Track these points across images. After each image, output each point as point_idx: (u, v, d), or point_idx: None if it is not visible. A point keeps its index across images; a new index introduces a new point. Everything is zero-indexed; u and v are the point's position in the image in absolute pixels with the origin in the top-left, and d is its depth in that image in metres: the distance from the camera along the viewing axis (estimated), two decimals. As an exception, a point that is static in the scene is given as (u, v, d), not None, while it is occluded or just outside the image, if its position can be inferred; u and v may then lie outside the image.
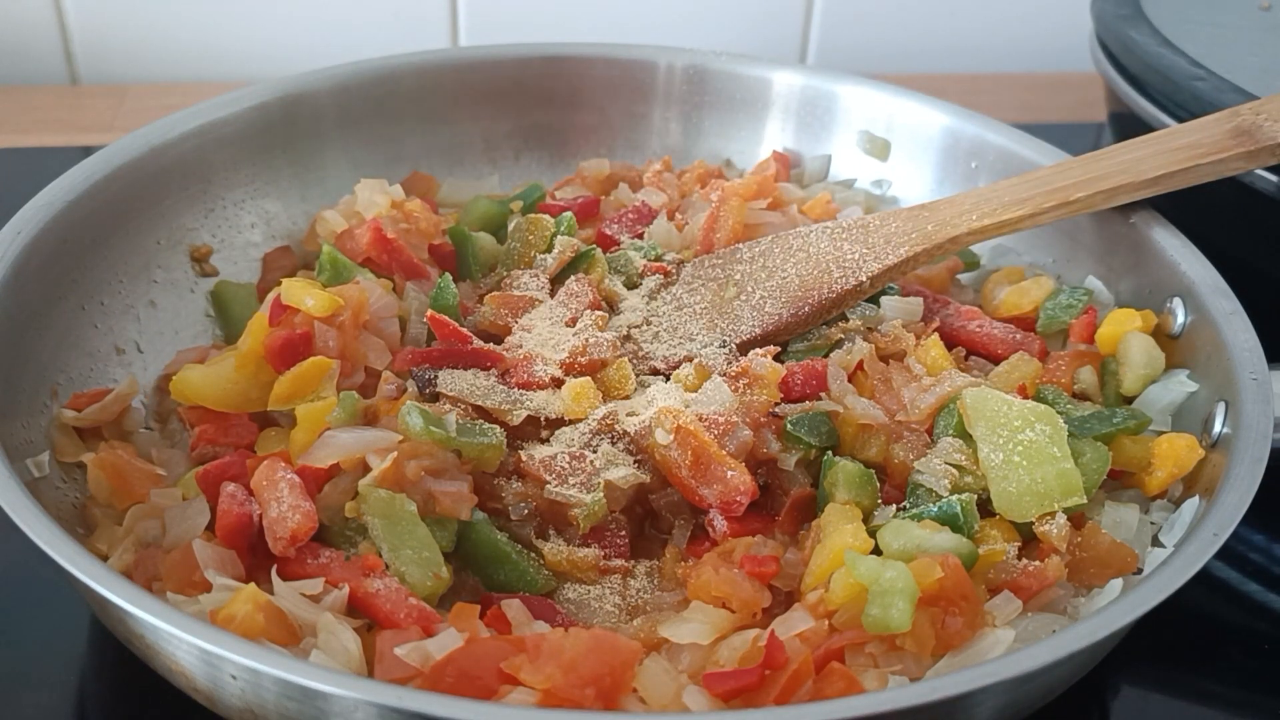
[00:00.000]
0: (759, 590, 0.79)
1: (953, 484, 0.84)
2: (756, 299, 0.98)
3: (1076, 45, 1.31)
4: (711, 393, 0.87)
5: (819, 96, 1.20)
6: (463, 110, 1.19)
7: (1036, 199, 0.97)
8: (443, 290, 0.96)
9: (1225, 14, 1.23)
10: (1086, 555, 0.82)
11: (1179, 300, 0.96)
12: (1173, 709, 0.88)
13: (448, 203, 1.15)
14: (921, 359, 0.93)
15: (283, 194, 1.12)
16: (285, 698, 0.66)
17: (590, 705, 0.69)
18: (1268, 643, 0.92)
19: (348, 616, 0.76)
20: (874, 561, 0.75)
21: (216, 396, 0.88)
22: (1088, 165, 0.99)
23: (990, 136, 1.13)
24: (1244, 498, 0.78)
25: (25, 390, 0.88)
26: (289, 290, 0.89)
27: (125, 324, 0.99)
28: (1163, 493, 0.89)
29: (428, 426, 0.81)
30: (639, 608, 0.83)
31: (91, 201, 0.96)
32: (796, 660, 0.72)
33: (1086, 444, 0.86)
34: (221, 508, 0.80)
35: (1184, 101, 1.07)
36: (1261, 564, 0.98)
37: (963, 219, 0.98)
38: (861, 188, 1.20)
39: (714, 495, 0.84)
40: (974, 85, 1.63)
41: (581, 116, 1.23)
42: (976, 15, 1.68)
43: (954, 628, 0.75)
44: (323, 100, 1.13)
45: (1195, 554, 0.73)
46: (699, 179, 1.15)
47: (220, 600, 0.74)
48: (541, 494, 0.84)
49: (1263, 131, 0.94)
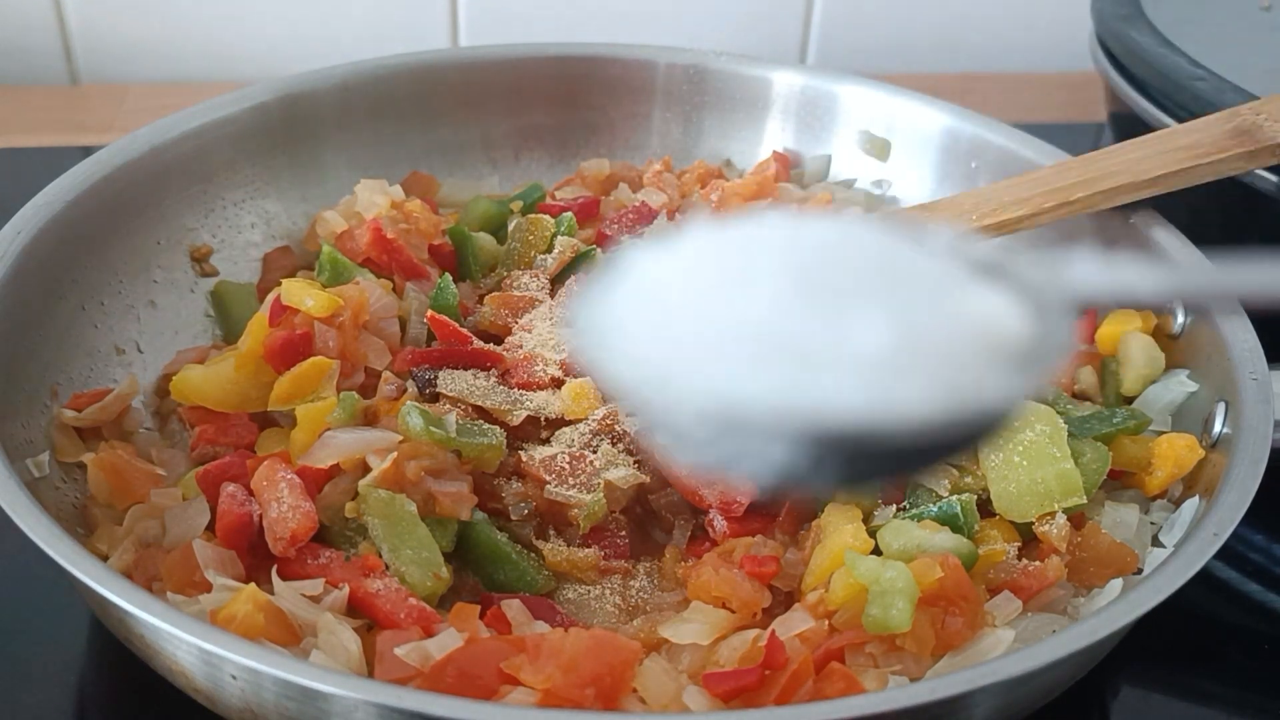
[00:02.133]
0: (759, 590, 0.79)
1: (952, 484, 0.84)
2: (757, 299, 0.98)
3: (1076, 45, 1.30)
4: (711, 393, 0.87)
5: (819, 96, 1.20)
6: (463, 110, 1.19)
7: (1036, 199, 0.97)
8: (443, 290, 0.96)
9: (1225, 14, 1.23)
10: (1086, 555, 0.82)
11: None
12: (1173, 709, 0.88)
13: (448, 203, 1.15)
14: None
15: (283, 194, 1.12)
16: (285, 698, 0.66)
17: (590, 705, 0.69)
18: (1268, 643, 0.92)
19: (348, 617, 0.76)
20: (874, 561, 0.76)
21: (216, 396, 0.88)
22: (1088, 165, 0.99)
23: (990, 136, 1.13)
24: (1244, 498, 0.78)
25: (25, 390, 0.87)
26: (289, 290, 0.89)
27: (125, 324, 0.99)
28: (1163, 493, 0.89)
29: (428, 427, 0.81)
30: (639, 608, 0.83)
31: (91, 201, 0.96)
32: (796, 660, 0.72)
33: (1086, 444, 0.86)
34: (221, 508, 0.80)
35: (1184, 101, 1.07)
36: (1261, 564, 0.98)
37: (962, 219, 0.98)
38: (861, 188, 1.19)
39: (714, 495, 0.84)
40: (974, 85, 1.63)
41: (581, 116, 1.23)
42: (976, 15, 1.68)
43: (954, 628, 0.75)
44: (323, 100, 1.13)
45: (1195, 554, 0.73)
46: (699, 179, 1.15)
47: (220, 600, 0.75)
48: (541, 494, 0.84)
49: (1263, 131, 0.94)
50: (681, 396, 0.43)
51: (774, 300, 0.44)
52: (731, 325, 0.44)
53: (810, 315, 0.43)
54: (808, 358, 0.42)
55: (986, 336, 0.45)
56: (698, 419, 0.43)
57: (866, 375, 0.42)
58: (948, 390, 0.43)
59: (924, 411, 0.42)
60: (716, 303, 0.44)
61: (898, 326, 0.43)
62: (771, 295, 0.44)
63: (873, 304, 0.44)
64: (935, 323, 0.44)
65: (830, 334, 0.43)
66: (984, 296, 0.46)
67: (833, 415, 0.42)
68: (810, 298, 0.44)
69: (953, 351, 0.44)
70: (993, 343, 0.45)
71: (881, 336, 0.43)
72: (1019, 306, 0.46)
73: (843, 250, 0.46)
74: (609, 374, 0.44)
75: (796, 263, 0.45)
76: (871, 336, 0.43)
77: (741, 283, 0.45)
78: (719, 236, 0.47)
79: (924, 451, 0.45)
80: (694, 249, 0.47)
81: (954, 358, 0.44)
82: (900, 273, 0.46)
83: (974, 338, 0.44)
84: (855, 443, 0.42)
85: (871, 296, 0.44)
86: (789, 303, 0.44)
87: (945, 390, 0.43)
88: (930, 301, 0.45)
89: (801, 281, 0.44)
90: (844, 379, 0.42)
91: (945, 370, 0.43)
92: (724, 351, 0.43)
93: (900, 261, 0.46)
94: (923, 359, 0.43)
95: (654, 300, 0.46)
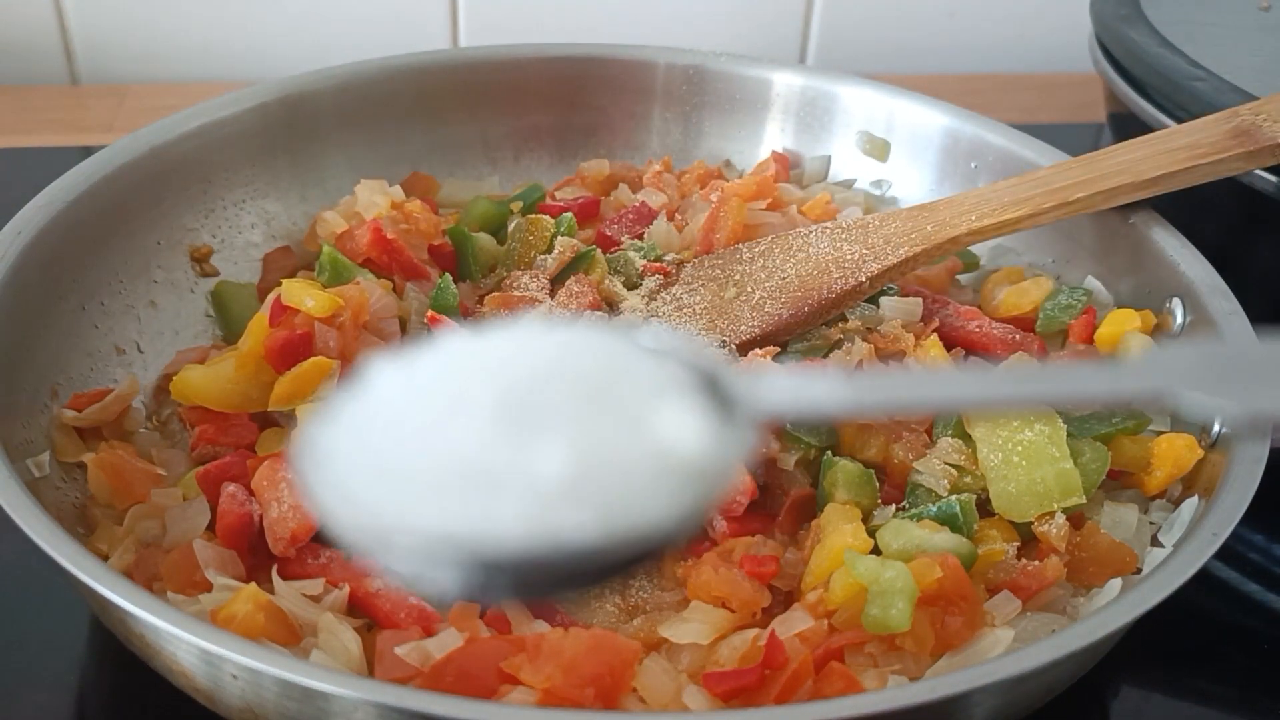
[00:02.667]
0: (759, 590, 0.79)
1: (952, 484, 0.84)
2: (756, 299, 0.99)
3: (1076, 45, 1.30)
4: (711, 393, 0.87)
5: (819, 97, 1.20)
6: (463, 110, 1.19)
7: (1036, 199, 0.97)
8: (443, 291, 0.96)
9: (1225, 14, 1.23)
10: (1086, 555, 0.82)
11: (1178, 300, 0.96)
12: (1173, 709, 0.88)
13: (448, 203, 1.15)
14: (921, 359, 0.93)
15: (283, 194, 1.12)
16: (285, 697, 0.66)
17: (590, 705, 0.69)
18: (1268, 643, 0.93)
19: (348, 616, 0.77)
20: (873, 561, 0.76)
21: (216, 397, 0.88)
22: (1087, 165, 0.99)
23: (990, 137, 1.13)
24: (1243, 498, 0.78)
25: (25, 390, 0.88)
26: (289, 291, 0.89)
27: (125, 324, 0.99)
28: (1162, 493, 0.89)
29: (428, 426, 0.81)
30: (639, 607, 0.83)
31: (91, 202, 0.96)
32: (796, 660, 0.72)
33: (1086, 444, 0.86)
34: (222, 508, 0.80)
35: (1184, 102, 1.07)
36: (1261, 564, 0.98)
37: (962, 219, 0.98)
38: (861, 188, 1.20)
39: (714, 495, 0.84)
40: (973, 85, 1.63)
41: (581, 116, 1.23)
42: (976, 15, 1.68)
43: (953, 627, 0.75)
44: (323, 100, 1.13)
45: (1194, 554, 0.73)
46: (699, 179, 1.15)
47: (220, 600, 0.75)
48: (541, 494, 0.84)
49: (1262, 132, 0.94)
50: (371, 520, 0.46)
51: (473, 429, 0.47)
52: (431, 454, 0.47)
53: (501, 444, 0.46)
54: (491, 487, 0.46)
55: (665, 457, 0.47)
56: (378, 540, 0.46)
57: (537, 503, 0.45)
58: (610, 516, 0.45)
59: (580, 538, 0.45)
60: (425, 430, 0.48)
61: (578, 454, 0.46)
62: (473, 424, 0.47)
63: (561, 431, 0.47)
64: (616, 447, 0.47)
65: (515, 462, 0.46)
66: (674, 414, 0.48)
67: (494, 543, 0.45)
68: (507, 425, 0.47)
69: (626, 476, 0.46)
70: (669, 464, 0.47)
71: (558, 466, 0.46)
72: (707, 420, 0.49)
73: (558, 370, 0.49)
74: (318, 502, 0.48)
75: (506, 387, 0.48)
76: (550, 466, 0.46)
77: (450, 410, 0.48)
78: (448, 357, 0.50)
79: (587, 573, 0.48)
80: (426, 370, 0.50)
81: (626, 482, 0.46)
82: (602, 394, 0.48)
83: (653, 458, 0.47)
84: (516, 567, 0.45)
85: (564, 422, 0.47)
86: (486, 432, 0.47)
87: (606, 516, 0.45)
88: (617, 424, 0.47)
89: (503, 408, 0.47)
90: (516, 507, 0.45)
91: (613, 496, 0.46)
92: (415, 479, 0.46)
93: (607, 381, 0.49)
94: (594, 485, 0.46)
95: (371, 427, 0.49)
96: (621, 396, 0.48)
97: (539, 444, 0.46)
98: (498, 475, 0.46)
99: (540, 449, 0.46)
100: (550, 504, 0.45)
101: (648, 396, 0.49)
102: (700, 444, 0.48)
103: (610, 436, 0.47)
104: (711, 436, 0.49)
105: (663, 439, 0.48)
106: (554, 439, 0.46)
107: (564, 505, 0.45)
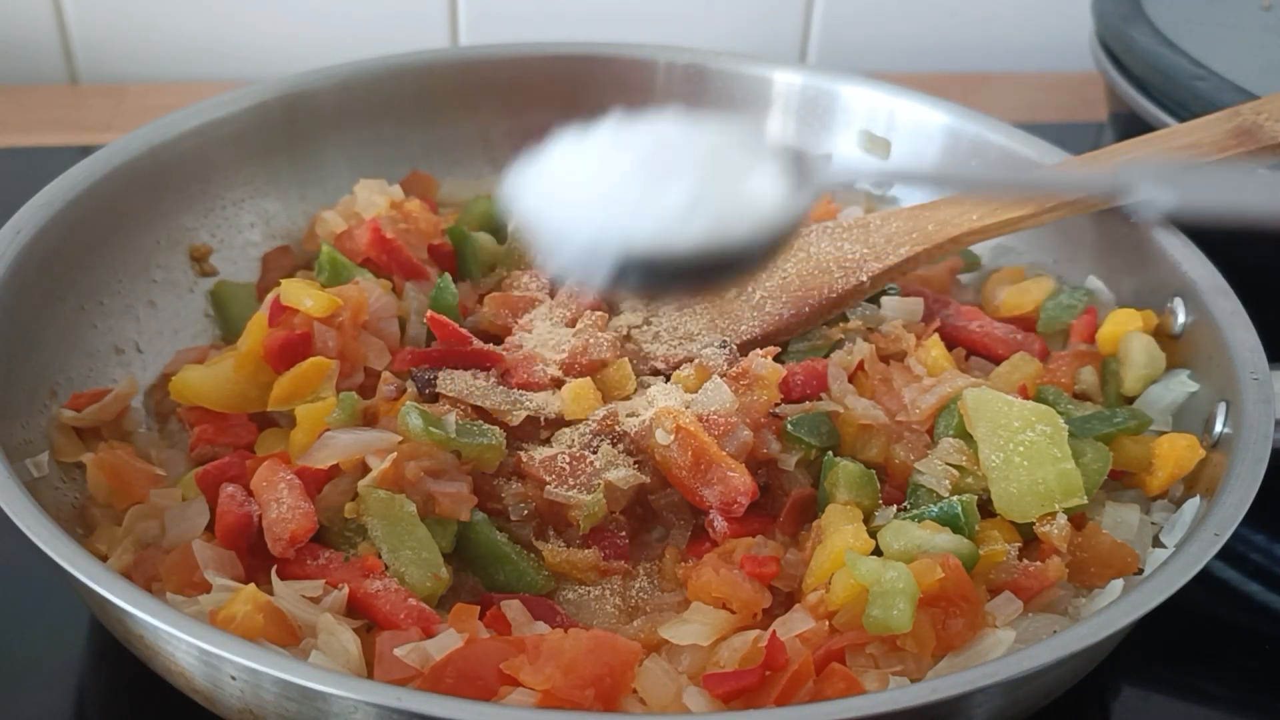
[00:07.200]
0: (759, 591, 0.79)
1: (953, 485, 0.84)
2: (757, 299, 0.98)
3: (1076, 45, 1.30)
4: (711, 393, 0.87)
5: (819, 96, 1.20)
6: (463, 110, 1.19)
7: (1037, 199, 0.97)
8: (442, 290, 0.95)
9: (1225, 14, 1.23)
10: (1087, 556, 0.82)
11: (1180, 300, 0.96)
12: (1173, 709, 0.88)
13: (448, 203, 1.15)
14: (922, 359, 0.93)
15: (282, 194, 1.12)
16: (285, 698, 0.66)
17: (590, 706, 0.69)
18: (1268, 643, 0.92)
19: (347, 617, 0.76)
20: (875, 562, 0.75)
21: (216, 397, 0.88)
22: (1089, 164, 0.99)
23: (990, 136, 1.13)
24: (1245, 498, 0.78)
25: (25, 390, 0.87)
26: (288, 290, 0.89)
27: (125, 324, 0.99)
28: (1164, 493, 0.89)
29: (427, 427, 0.81)
30: (639, 608, 0.83)
31: (91, 201, 0.96)
32: (797, 661, 0.72)
33: (1087, 444, 0.86)
34: (221, 508, 0.80)
35: (1184, 101, 1.07)
36: (1262, 564, 0.98)
37: (963, 219, 0.98)
38: (861, 188, 1.19)
39: (714, 496, 0.84)
40: (974, 84, 1.63)
41: (582, 115, 1.22)
42: (977, 15, 1.68)
43: (955, 628, 0.75)
44: (323, 100, 1.13)
45: (1196, 554, 0.73)
46: (699, 179, 1.15)
47: (220, 601, 0.75)
48: (541, 494, 0.84)
49: (1263, 131, 0.94)
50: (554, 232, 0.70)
51: (621, 174, 0.69)
52: (593, 189, 0.69)
53: (641, 184, 0.68)
54: (633, 210, 0.67)
55: (753, 202, 0.69)
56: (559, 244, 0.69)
57: (662, 220, 0.67)
58: (711, 230, 0.67)
59: (692, 241, 0.67)
60: (590, 176, 0.70)
61: (693, 192, 0.68)
62: (621, 170, 0.69)
63: (682, 178, 0.68)
64: (719, 191, 0.68)
65: (648, 195, 0.68)
66: (760, 177, 0.70)
67: (633, 245, 0.67)
68: (645, 172, 0.68)
69: (724, 209, 0.68)
70: (756, 207, 0.69)
71: (679, 198, 0.67)
72: (783, 183, 0.70)
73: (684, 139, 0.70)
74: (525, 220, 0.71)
75: (644, 151, 0.69)
76: (673, 198, 0.67)
77: (606, 164, 0.70)
78: (607, 136, 0.71)
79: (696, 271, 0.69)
80: (594, 142, 0.71)
81: (723, 213, 0.68)
82: (714, 157, 0.70)
83: (745, 203, 0.69)
84: (646, 264, 0.68)
85: (685, 172, 0.68)
86: (630, 176, 0.68)
87: (709, 230, 0.67)
88: (720, 178, 0.69)
89: (641, 163, 0.69)
90: (650, 222, 0.67)
91: (715, 220, 0.68)
92: (582, 205, 0.69)
93: (719, 149, 0.70)
94: (702, 213, 0.67)
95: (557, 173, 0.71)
96: (728, 160, 0.70)
97: (666, 184, 0.67)
98: (637, 202, 0.67)
99: (667, 187, 0.67)
100: (671, 221, 0.67)
101: (747, 162, 0.70)
102: (776, 197, 0.70)
103: (715, 184, 0.68)
104: (787, 195, 0.70)
105: (753, 190, 0.69)
106: (676, 183, 0.67)
107: (680, 222, 0.67)
